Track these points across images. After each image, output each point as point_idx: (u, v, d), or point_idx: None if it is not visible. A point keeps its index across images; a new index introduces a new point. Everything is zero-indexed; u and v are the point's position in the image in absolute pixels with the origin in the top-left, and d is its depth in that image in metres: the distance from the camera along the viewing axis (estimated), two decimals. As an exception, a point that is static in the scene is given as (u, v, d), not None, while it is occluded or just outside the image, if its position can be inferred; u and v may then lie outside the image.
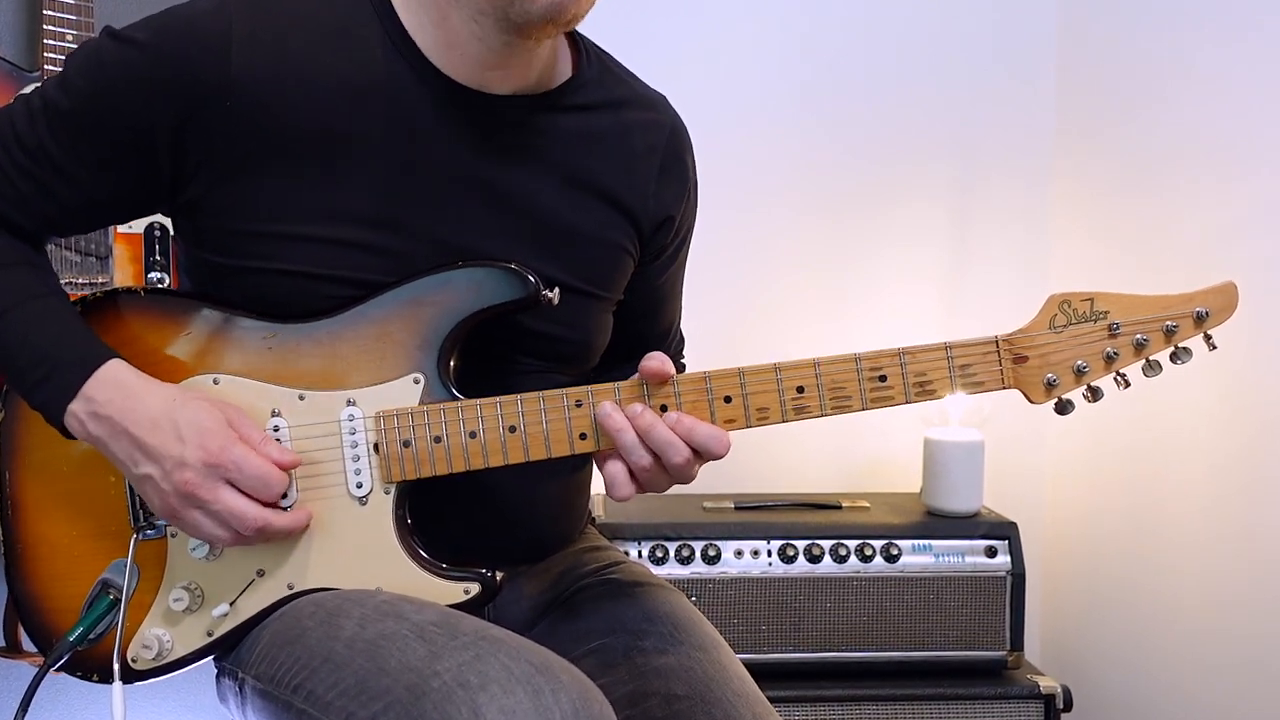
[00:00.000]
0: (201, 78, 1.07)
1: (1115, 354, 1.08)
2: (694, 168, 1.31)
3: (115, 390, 1.07)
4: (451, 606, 1.08)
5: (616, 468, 1.08)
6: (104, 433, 1.07)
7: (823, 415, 1.09)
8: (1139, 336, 1.08)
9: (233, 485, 1.05)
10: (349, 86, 1.10)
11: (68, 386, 1.07)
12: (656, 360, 1.07)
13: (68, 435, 1.09)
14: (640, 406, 1.07)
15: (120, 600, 1.12)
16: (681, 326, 1.46)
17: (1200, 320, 1.08)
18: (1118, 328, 1.08)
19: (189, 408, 1.06)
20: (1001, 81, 2.28)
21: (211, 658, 1.17)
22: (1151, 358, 1.09)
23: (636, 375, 1.08)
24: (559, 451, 1.09)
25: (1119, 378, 1.10)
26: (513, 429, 1.09)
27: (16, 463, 1.17)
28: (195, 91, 1.07)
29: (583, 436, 1.09)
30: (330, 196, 1.11)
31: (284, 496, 1.09)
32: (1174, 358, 1.09)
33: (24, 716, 1.10)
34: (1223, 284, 1.08)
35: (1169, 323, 1.08)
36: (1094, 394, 1.10)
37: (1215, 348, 1.09)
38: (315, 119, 1.09)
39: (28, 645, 1.66)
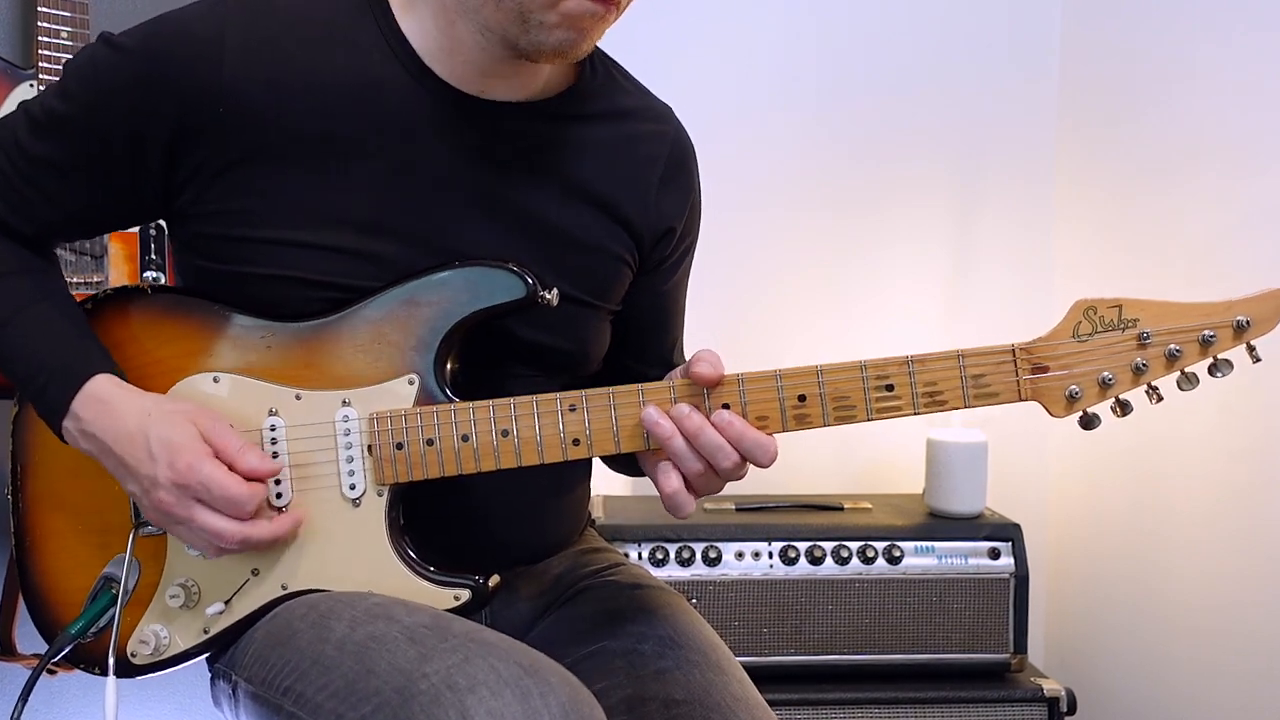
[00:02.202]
0: (195, 83, 1.06)
1: (1145, 365, 1.01)
2: (697, 179, 1.30)
3: (98, 407, 1.07)
4: (444, 612, 1.07)
5: (674, 483, 1.04)
6: (94, 449, 1.08)
7: (825, 425, 1.05)
8: (1172, 347, 1.00)
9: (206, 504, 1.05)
10: (344, 91, 1.10)
11: (59, 403, 1.08)
12: (707, 364, 1.04)
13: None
14: (687, 408, 1.03)
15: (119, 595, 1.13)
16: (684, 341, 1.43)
17: (1241, 330, 0.99)
18: (1148, 337, 1.01)
19: (162, 423, 1.05)
20: (1005, 81, 2.27)
21: (206, 660, 1.16)
22: (1187, 370, 1.01)
23: (635, 385, 1.06)
24: (551, 457, 1.07)
25: (1150, 391, 1.03)
26: (505, 433, 1.07)
27: (29, 458, 1.19)
28: (188, 97, 1.07)
29: (575, 442, 1.06)
30: (324, 202, 1.10)
31: (278, 496, 1.09)
32: (1213, 370, 1.01)
33: (24, 706, 1.09)
34: (1268, 291, 1.00)
35: (1206, 332, 1.00)
36: (1123, 408, 1.03)
37: (1259, 360, 1.01)
38: (309, 124, 1.09)
39: (22, 648, 1.67)
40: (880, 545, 1.87)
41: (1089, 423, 1.04)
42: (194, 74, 1.06)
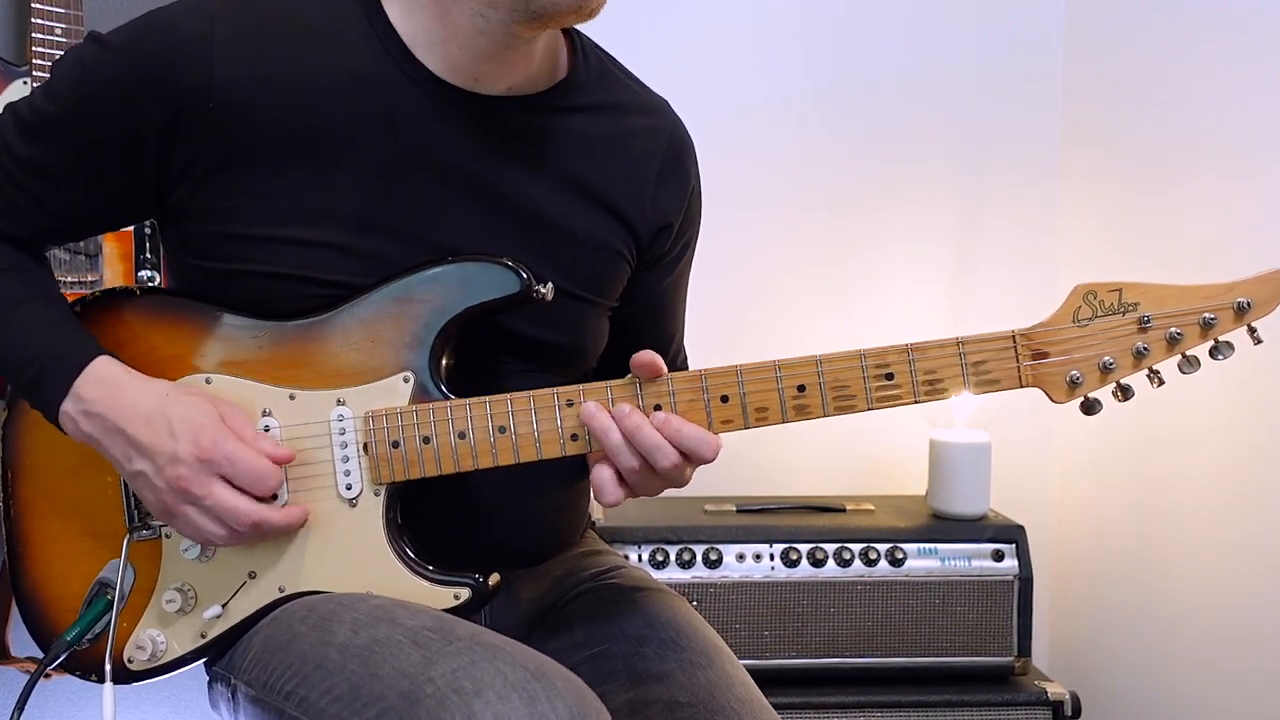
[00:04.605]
0: (184, 78, 1.06)
1: (1146, 349, 1.01)
2: (696, 174, 1.29)
3: (105, 387, 1.06)
4: (444, 612, 1.06)
5: (603, 472, 1.04)
6: (97, 431, 1.06)
7: (825, 416, 1.04)
8: (1173, 330, 1.00)
9: (226, 480, 1.04)
10: (333, 86, 1.09)
11: (58, 386, 1.07)
12: (648, 354, 1.04)
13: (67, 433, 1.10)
14: (627, 407, 1.03)
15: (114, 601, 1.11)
16: (684, 338, 1.42)
17: (1242, 312, 1.00)
18: (1149, 321, 1.01)
19: (182, 403, 1.05)
20: (1008, 78, 2.26)
21: (204, 663, 1.16)
22: (1189, 353, 1.02)
23: (629, 375, 1.06)
24: (550, 453, 1.06)
25: (1152, 375, 1.03)
26: (502, 429, 1.06)
27: (19, 463, 1.17)
28: (178, 92, 1.06)
29: (574, 437, 1.06)
30: (316, 199, 1.09)
31: (274, 497, 1.08)
32: (1214, 353, 1.01)
33: (20, 715, 1.08)
34: (1268, 273, 1.00)
35: (1206, 315, 1.00)
36: (1124, 393, 1.03)
37: (1260, 341, 1.01)
38: (299, 120, 1.08)
39: (16, 651, 1.65)
40: (883, 547, 1.86)
41: (1090, 408, 1.04)
42: (184, 70, 1.06)
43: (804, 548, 1.85)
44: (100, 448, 1.07)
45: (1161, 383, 1.03)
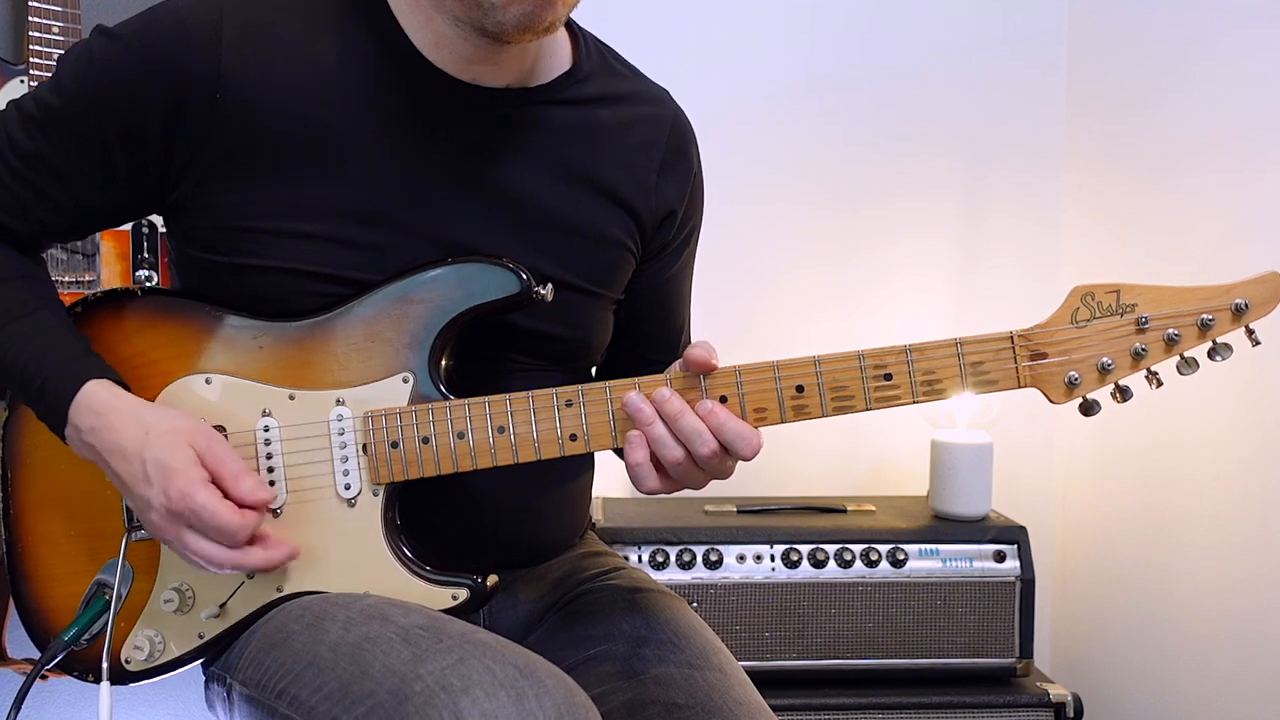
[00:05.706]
0: (190, 71, 1.06)
1: (1144, 350, 1.01)
2: (698, 162, 1.29)
3: (94, 418, 1.06)
4: (441, 612, 1.06)
5: (641, 457, 1.03)
6: (93, 458, 1.08)
7: (824, 416, 1.04)
8: (1170, 331, 1.01)
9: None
10: (338, 80, 1.09)
11: (57, 409, 1.08)
12: (701, 349, 1.03)
13: None
14: (668, 391, 1.02)
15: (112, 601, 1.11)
16: (692, 331, 1.42)
17: (1240, 313, 1.00)
18: (1146, 322, 1.01)
19: (158, 444, 1.04)
20: (1012, 73, 2.26)
21: (200, 664, 1.16)
22: (1187, 354, 1.02)
23: (632, 378, 1.05)
24: (548, 453, 1.06)
25: (1150, 376, 1.03)
26: (501, 430, 1.06)
27: (19, 462, 1.17)
28: (184, 85, 1.06)
29: (573, 438, 1.06)
30: (320, 192, 1.09)
31: (276, 513, 1.08)
32: (1212, 354, 1.02)
33: (17, 714, 1.08)
34: (1265, 274, 1.01)
35: (1205, 316, 1.00)
36: (1123, 394, 1.04)
37: (1259, 343, 1.01)
38: (304, 113, 1.08)
39: (13, 652, 1.65)
40: (884, 548, 1.85)
41: (1089, 409, 1.04)
42: (191, 62, 1.06)
43: (805, 549, 1.84)
44: (103, 470, 1.08)
45: (1160, 384, 1.03)
